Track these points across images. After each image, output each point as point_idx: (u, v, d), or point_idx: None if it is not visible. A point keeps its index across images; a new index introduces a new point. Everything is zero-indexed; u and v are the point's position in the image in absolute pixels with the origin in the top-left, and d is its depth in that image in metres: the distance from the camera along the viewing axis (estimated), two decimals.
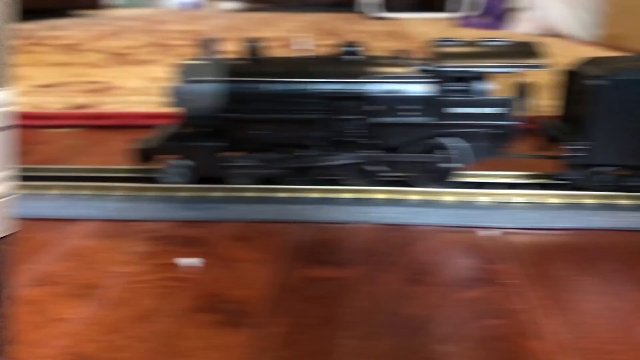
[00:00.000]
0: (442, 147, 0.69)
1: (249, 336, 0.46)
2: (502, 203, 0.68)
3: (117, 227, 0.66)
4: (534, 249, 0.60)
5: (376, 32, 2.83)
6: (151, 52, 2.10)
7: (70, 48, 2.22)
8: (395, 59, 0.70)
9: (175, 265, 0.57)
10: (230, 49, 0.75)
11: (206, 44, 0.72)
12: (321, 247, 0.61)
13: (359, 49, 0.71)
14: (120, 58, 1.95)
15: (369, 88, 0.68)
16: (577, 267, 0.56)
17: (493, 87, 0.68)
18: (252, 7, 4.86)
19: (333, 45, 0.73)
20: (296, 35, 0.74)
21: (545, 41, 2.31)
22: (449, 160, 0.69)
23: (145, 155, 0.72)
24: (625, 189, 0.68)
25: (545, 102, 1.19)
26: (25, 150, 0.95)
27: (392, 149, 0.70)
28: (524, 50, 0.67)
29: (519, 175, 0.75)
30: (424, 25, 3.15)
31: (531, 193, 0.68)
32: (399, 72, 0.69)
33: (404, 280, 0.54)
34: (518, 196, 0.68)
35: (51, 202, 0.69)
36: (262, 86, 0.70)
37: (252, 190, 0.71)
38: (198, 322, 0.47)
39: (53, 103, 1.25)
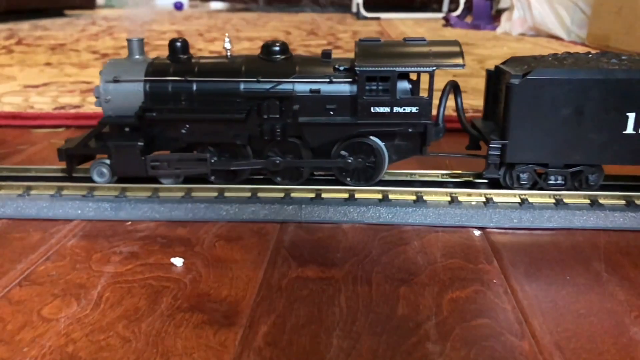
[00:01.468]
0: (365, 146, 0.70)
1: (235, 336, 0.46)
2: (490, 203, 0.68)
3: (103, 228, 0.66)
4: (521, 249, 0.61)
5: (363, 32, 2.83)
6: None
7: (59, 48, 2.21)
8: (320, 59, 0.70)
9: (161, 265, 0.57)
10: (213, 48, 0.75)
11: (132, 43, 0.71)
12: (310, 247, 0.61)
13: (284, 48, 0.71)
14: (108, 58, 1.94)
15: (292, 88, 0.68)
16: (564, 267, 0.57)
17: (415, 87, 0.68)
18: (241, 7, 4.86)
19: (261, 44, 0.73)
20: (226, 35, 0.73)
21: (534, 41, 2.29)
22: (369, 160, 0.70)
23: (68, 155, 0.72)
24: (541, 187, 0.69)
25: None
26: (12, 150, 0.95)
27: (319, 148, 0.70)
28: (448, 51, 0.68)
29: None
30: (413, 26, 3.16)
31: (517, 193, 0.69)
32: (323, 72, 0.68)
33: (392, 280, 0.54)
34: (505, 196, 0.69)
35: (38, 203, 0.69)
36: (181, 85, 0.69)
37: (238, 190, 0.71)
38: (184, 322, 0.47)
39: (41, 103, 1.24)
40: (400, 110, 0.67)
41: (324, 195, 0.70)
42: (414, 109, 0.67)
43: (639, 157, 0.66)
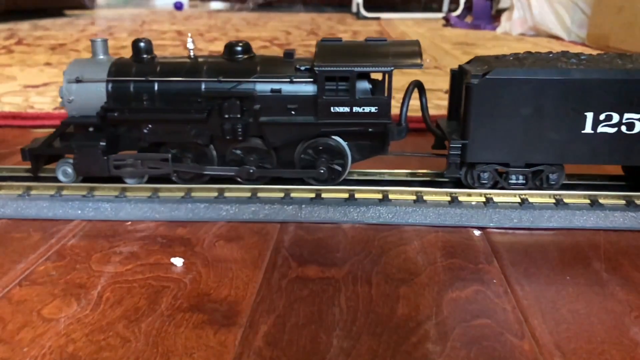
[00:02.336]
0: (326, 146, 0.70)
1: (235, 336, 0.46)
2: (490, 203, 0.68)
3: (103, 228, 0.66)
4: (521, 249, 0.61)
5: (363, 32, 2.83)
6: None
7: (59, 48, 2.21)
8: (283, 59, 0.70)
9: (161, 265, 0.57)
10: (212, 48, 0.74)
11: (96, 44, 0.71)
12: (310, 247, 0.61)
13: (247, 48, 0.71)
14: None
15: (253, 87, 0.68)
16: (564, 267, 0.57)
17: (378, 87, 0.68)
18: (241, 7, 4.85)
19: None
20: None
21: (534, 41, 2.29)
22: (334, 160, 0.70)
23: (32, 155, 0.72)
24: (503, 187, 0.70)
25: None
26: (12, 150, 0.95)
27: (280, 147, 0.70)
28: (407, 51, 0.68)
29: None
30: (413, 26, 3.16)
31: (518, 193, 0.69)
32: (284, 71, 0.68)
33: (392, 280, 0.54)
34: (505, 196, 0.69)
35: (37, 203, 0.69)
36: (143, 85, 0.69)
37: (238, 190, 0.71)
38: (184, 322, 0.47)
39: (41, 103, 1.24)
40: (360, 110, 0.67)
41: (324, 195, 0.70)
42: (373, 109, 0.67)
43: (598, 156, 0.67)
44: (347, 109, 0.67)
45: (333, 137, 0.70)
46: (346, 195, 0.70)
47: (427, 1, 4.10)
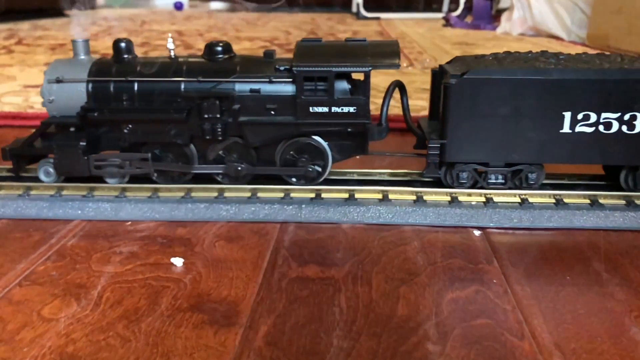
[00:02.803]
0: (307, 146, 0.70)
1: (235, 336, 0.46)
2: (490, 203, 0.68)
3: (103, 228, 0.66)
4: (521, 249, 0.61)
5: (363, 32, 2.83)
6: (139, 52, 2.09)
7: (59, 48, 2.21)
8: (263, 59, 0.70)
9: (161, 265, 0.57)
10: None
11: (77, 44, 0.71)
12: (310, 247, 0.61)
13: (227, 48, 0.71)
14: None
15: (232, 87, 0.67)
16: (564, 267, 0.57)
17: (359, 87, 0.68)
18: (241, 7, 4.85)
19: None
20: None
21: (534, 41, 2.29)
22: (315, 160, 0.70)
23: (13, 155, 0.72)
24: (482, 187, 0.70)
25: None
26: None
27: (260, 147, 0.70)
28: (385, 51, 0.68)
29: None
30: (413, 26, 3.16)
31: (518, 193, 0.69)
32: (263, 71, 0.68)
33: (392, 280, 0.54)
34: (505, 196, 0.69)
35: (38, 203, 0.69)
36: (123, 85, 0.69)
37: (238, 190, 0.71)
38: (184, 322, 0.47)
39: (41, 103, 1.24)
40: (339, 110, 0.67)
41: (324, 195, 0.70)
42: (351, 109, 0.67)
43: (577, 156, 0.67)
44: (325, 109, 0.67)
45: (313, 137, 0.70)
46: (346, 195, 0.70)
47: (427, 1, 4.10)
